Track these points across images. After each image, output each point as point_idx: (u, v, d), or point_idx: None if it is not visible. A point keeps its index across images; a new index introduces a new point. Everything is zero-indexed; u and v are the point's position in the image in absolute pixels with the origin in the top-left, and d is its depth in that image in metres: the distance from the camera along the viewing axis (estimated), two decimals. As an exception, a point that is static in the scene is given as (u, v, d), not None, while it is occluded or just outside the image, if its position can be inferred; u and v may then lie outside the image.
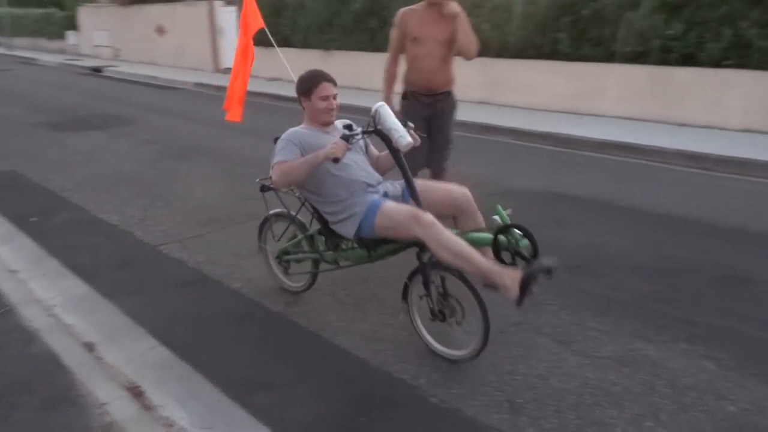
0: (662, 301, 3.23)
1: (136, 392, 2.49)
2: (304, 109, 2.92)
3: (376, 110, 2.68)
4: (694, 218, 4.54)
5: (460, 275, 2.50)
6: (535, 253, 2.44)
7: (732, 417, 2.31)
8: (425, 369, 2.65)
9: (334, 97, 2.85)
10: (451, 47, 3.76)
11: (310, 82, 2.84)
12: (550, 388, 2.51)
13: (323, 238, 3.00)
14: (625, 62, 8.37)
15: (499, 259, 2.50)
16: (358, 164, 2.86)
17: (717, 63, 7.56)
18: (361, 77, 11.71)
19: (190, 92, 13.07)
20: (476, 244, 2.52)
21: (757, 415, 2.32)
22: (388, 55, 3.99)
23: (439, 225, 2.44)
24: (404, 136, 2.60)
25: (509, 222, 2.47)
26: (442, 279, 2.62)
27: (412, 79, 3.87)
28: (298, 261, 3.24)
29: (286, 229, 3.25)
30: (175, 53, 17.07)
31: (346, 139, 2.57)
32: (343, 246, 2.89)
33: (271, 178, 2.76)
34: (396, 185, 2.91)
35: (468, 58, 3.74)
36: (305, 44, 13.06)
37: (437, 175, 4.08)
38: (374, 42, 11.49)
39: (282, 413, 2.35)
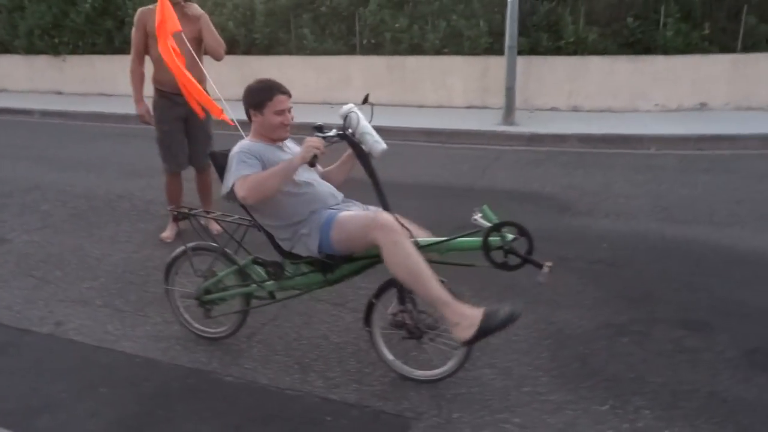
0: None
1: None
2: (251, 122, 2.57)
3: (348, 112, 2.46)
4: (436, 183, 5.31)
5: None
6: (530, 249, 2.20)
7: (474, 332, 2.87)
8: (216, 353, 2.77)
9: (290, 111, 2.54)
10: (198, 45, 3.83)
11: (262, 95, 2.49)
12: (332, 344, 2.83)
13: (259, 268, 2.68)
14: (365, 54, 9.19)
15: (489, 260, 2.22)
16: (317, 181, 2.57)
17: (438, 51, 8.75)
18: (103, 82, 10.93)
19: None
20: (465, 248, 2.29)
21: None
22: (132, 57, 3.91)
23: (400, 231, 2.20)
24: (380, 142, 2.44)
25: (497, 221, 2.23)
26: (411, 293, 2.40)
27: (161, 79, 3.83)
28: (224, 300, 2.79)
29: (211, 263, 2.76)
30: None
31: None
32: (289, 273, 2.59)
33: (224, 195, 2.44)
34: (363, 207, 2.60)
35: (217, 58, 3.87)
36: (30, 50, 11.65)
37: (203, 171, 4.15)
38: (112, 44, 10.76)
39: (72, 429, 2.28)
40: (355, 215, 2.35)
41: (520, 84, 8.07)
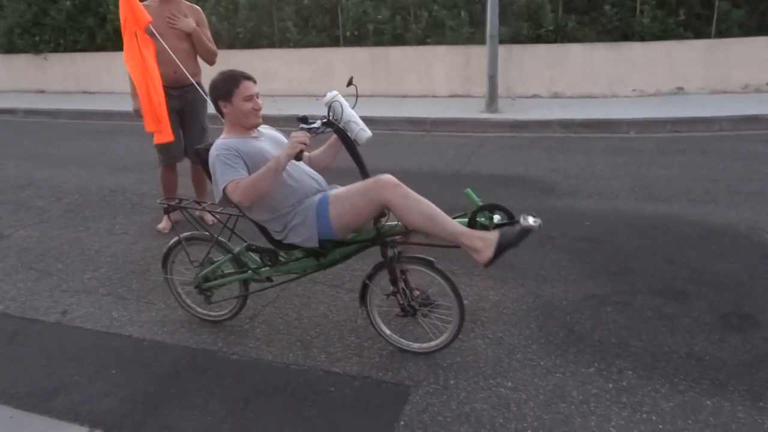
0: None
1: None
2: (223, 116, 2.60)
3: (332, 100, 2.47)
4: (422, 170, 5.45)
5: (429, 264, 2.46)
6: (510, 215, 2.34)
7: (466, 308, 3.03)
8: (221, 334, 2.89)
9: (257, 96, 2.58)
10: (193, 39, 3.92)
11: (228, 84, 2.52)
12: (332, 322, 2.96)
13: (253, 255, 2.77)
14: (348, 46, 9.28)
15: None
16: (303, 169, 2.61)
17: (421, 41, 8.86)
18: (86, 80, 10.88)
19: None
20: None
21: (481, 302, 3.08)
22: (125, 53, 3.96)
23: (404, 185, 2.29)
24: (365, 130, 2.48)
25: (481, 203, 2.32)
26: (403, 272, 2.55)
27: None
28: (223, 285, 2.90)
29: (207, 253, 2.85)
30: None
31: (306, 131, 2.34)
32: (283, 258, 2.68)
33: (218, 202, 2.49)
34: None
35: (210, 64, 3.97)
36: (11, 48, 11.56)
37: (197, 163, 4.23)
38: (94, 41, 10.71)
39: (88, 408, 2.39)
40: (351, 187, 2.41)
41: (502, 72, 8.23)
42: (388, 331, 2.70)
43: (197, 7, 4.06)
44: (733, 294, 3.03)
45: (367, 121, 2.73)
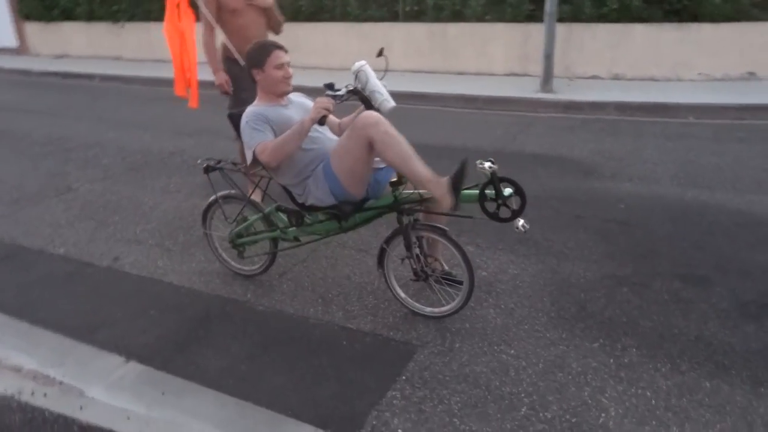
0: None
1: (-25, 352, 2.62)
2: (256, 83, 2.76)
3: (358, 69, 2.57)
4: (466, 147, 5.50)
5: (443, 233, 2.56)
6: (523, 204, 2.41)
7: (484, 279, 3.13)
8: (251, 287, 3.11)
9: (288, 65, 2.72)
10: (267, 13, 4.04)
11: (261, 52, 2.68)
12: (354, 283, 3.13)
13: (282, 215, 2.95)
14: (407, 21, 9.30)
15: (484, 210, 2.47)
16: (325, 135, 2.75)
17: (480, 18, 8.78)
18: (158, 49, 11.38)
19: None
20: (465, 200, 2.47)
21: (499, 275, 3.17)
22: (205, 30, 3.94)
23: (387, 123, 2.41)
24: (389, 100, 2.56)
25: (491, 176, 2.40)
26: (419, 239, 2.70)
27: (238, 49, 3.87)
28: (254, 242, 3.14)
29: (240, 211, 3.09)
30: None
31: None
32: (308, 220, 2.83)
33: (246, 165, 2.67)
34: None
35: (276, 34, 4.12)
36: (91, 17, 12.25)
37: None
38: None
39: (126, 342, 2.67)
40: (341, 137, 2.57)
41: (561, 51, 8.05)
42: (403, 294, 2.84)
43: None
44: (758, 284, 2.99)
45: (419, 97, 2.85)
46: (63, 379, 2.41)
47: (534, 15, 8.40)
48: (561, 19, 7.72)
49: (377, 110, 2.62)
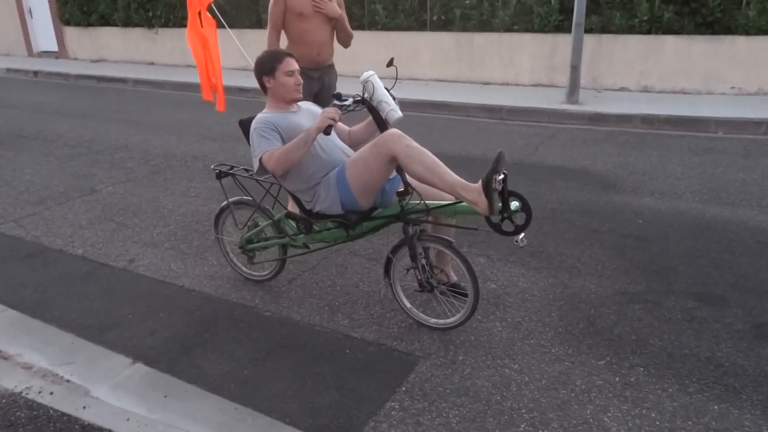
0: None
1: (-10, 348, 2.70)
2: (266, 91, 2.80)
3: (366, 80, 2.60)
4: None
5: (448, 244, 2.56)
6: (528, 221, 2.37)
7: (492, 292, 3.10)
8: (260, 293, 3.14)
9: (299, 73, 2.78)
10: (336, 24, 3.88)
11: (272, 60, 2.72)
12: (362, 292, 3.14)
13: (291, 222, 2.98)
14: (434, 30, 9.32)
15: (488, 222, 2.45)
16: (335, 143, 2.79)
17: (508, 28, 8.74)
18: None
19: (2, 78, 12.04)
20: (470, 212, 2.46)
21: (509, 287, 3.14)
22: (269, 32, 3.83)
23: (408, 138, 2.44)
24: (396, 110, 2.58)
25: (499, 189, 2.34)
26: (426, 250, 2.70)
27: (299, 54, 3.68)
28: (264, 248, 3.17)
29: (251, 217, 3.15)
30: (-25, 37, 15.41)
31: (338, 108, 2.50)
32: (317, 228, 2.86)
33: (255, 172, 2.68)
34: None
35: (345, 47, 4.04)
36: (127, 22, 12.57)
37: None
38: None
39: (134, 342, 2.72)
40: (361, 150, 2.58)
41: (589, 63, 7.96)
42: (408, 305, 2.83)
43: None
44: (777, 305, 2.90)
45: (443, 106, 2.86)
46: (71, 378, 2.47)
47: (562, 25, 8.33)
48: (590, 30, 7.64)
49: (384, 120, 2.63)
